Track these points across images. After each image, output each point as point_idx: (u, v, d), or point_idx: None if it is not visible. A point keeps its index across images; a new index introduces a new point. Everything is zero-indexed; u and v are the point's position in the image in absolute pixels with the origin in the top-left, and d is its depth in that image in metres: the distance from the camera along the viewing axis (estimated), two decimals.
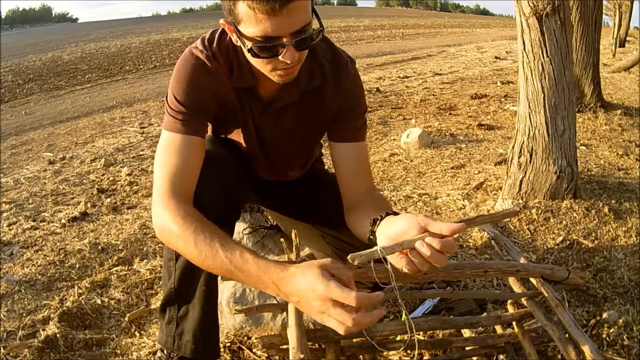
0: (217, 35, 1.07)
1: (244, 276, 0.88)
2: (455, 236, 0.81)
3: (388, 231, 0.88)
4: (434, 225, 0.81)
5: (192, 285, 1.09)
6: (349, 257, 0.81)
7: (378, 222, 0.94)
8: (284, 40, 0.89)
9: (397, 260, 0.83)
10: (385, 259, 0.82)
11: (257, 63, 0.97)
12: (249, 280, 0.88)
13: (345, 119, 1.15)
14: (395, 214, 0.94)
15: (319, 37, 0.95)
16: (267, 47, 0.90)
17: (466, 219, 0.84)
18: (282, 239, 1.55)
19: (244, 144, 1.21)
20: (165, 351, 1.15)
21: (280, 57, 0.92)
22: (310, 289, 0.79)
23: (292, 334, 0.91)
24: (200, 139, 1.05)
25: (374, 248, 0.82)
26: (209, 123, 1.21)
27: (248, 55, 0.95)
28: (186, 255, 0.96)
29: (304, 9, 0.88)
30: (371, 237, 0.95)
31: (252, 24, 0.87)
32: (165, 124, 1.05)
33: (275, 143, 1.21)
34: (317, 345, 1.25)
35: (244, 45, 0.92)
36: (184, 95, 1.03)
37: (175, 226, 0.94)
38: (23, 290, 1.88)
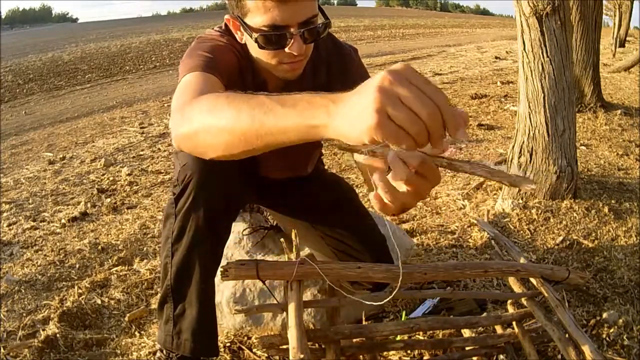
0: (223, 29, 1.05)
1: (286, 109, 0.61)
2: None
3: None
4: None
5: (189, 282, 1.09)
6: (335, 144, 0.61)
7: None
8: (292, 30, 0.89)
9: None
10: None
11: (263, 55, 0.96)
12: (294, 110, 0.60)
13: None
14: None
15: (325, 31, 0.95)
16: (275, 36, 0.89)
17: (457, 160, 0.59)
18: (282, 239, 1.55)
19: None
20: (164, 351, 1.15)
21: (287, 49, 0.91)
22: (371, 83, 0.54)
23: (292, 334, 0.92)
24: (222, 83, 0.89)
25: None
26: None
27: (254, 48, 0.94)
28: (211, 130, 0.70)
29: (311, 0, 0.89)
30: None
31: (259, 13, 0.86)
32: (184, 71, 0.90)
33: None
34: (317, 345, 1.25)
35: (251, 37, 0.91)
36: (211, 50, 0.95)
37: (189, 107, 0.75)
38: (23, 290, 1.88)
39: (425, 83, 0.53)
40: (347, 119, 0.55)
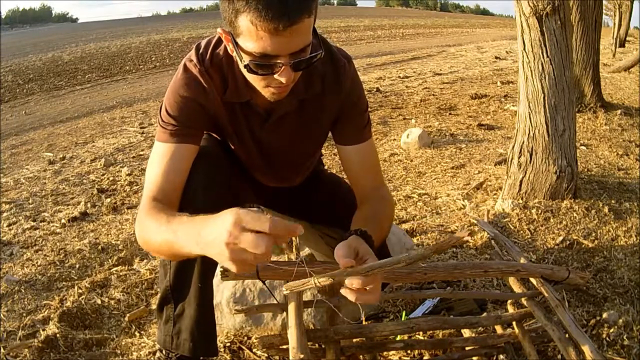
0: (211, 47, 1.06)
1: (178, 237, 0.84)
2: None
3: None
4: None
5: (187, 282, 1.09)
6: (285, 286, 0.84)
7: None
8: (282, 60, 0.88)
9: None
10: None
11: (250, 78, 0.98)
12: (183, 239, 0.83)
13: (348, 118, 1.15)
14: (359, 233, 0.97)
15: (317, 59, 0.94)
16: (264, 65, 0.90)
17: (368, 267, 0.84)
18: None
19: (242, 156, 1.21)
20: (164, 351, 1.15)
21: (275, 76, 0.92)
22: (222, 222, 0.74)
23: (292, 334, 0.92)
24: (190, 146, 1.06)
25: (309, 280, 0.83)
26: (206, 132, 1.21)
27: (243, 70, 0.95)
28: (159, 249, 0.94)
29: (307, 30, 0.88)
30: None
31: (251, 40, 0.86)
32: (156, 136, 1.07)
33: (279, 152, 1.21)
34: (317, 345, 1.25)
35: (240, 60, 0.91)
36: (175, 110, 1.04)
37: (148, 221, 0.94)
38: (23, 290, 1.88)
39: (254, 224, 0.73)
40: (210, 251, 0.77)
